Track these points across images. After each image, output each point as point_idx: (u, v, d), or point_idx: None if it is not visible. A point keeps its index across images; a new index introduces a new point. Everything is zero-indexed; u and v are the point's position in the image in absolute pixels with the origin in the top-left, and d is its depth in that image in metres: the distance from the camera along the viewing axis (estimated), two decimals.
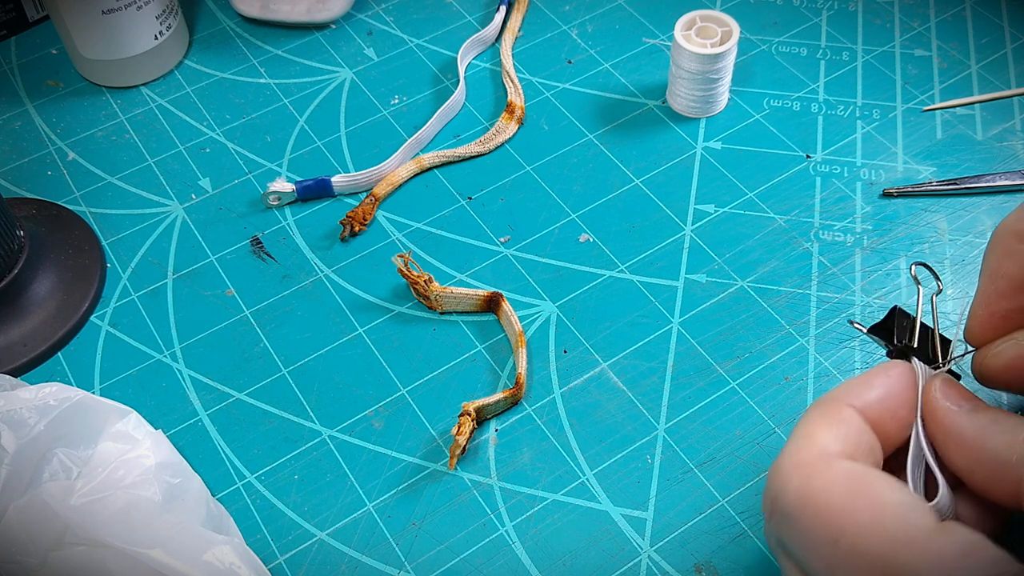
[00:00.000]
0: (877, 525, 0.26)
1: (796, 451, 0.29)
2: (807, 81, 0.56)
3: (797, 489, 0.28)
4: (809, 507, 0.28)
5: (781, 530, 0.29)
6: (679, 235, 0.49)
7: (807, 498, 0.28)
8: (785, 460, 0.29)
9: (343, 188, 0.51)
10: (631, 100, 0.55)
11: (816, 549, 0.27)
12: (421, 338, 0.46)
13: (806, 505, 0.28)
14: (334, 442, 0.43)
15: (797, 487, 0.28)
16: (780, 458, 0.30)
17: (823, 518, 0.27)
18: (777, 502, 0.29)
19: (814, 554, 0.27)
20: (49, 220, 0.50)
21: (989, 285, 0.33)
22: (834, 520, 0.27)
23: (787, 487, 0.28)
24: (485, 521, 0.40)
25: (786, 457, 0.29)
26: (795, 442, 0.30)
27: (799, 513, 0.28)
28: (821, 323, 0.46)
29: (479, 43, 0.58)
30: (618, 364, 0.45)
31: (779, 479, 0.29)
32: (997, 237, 0.33)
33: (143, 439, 0.39)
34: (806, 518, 0.28)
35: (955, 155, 0.52)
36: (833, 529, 0.27)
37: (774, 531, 0.30)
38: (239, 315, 0.47)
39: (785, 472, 0.29)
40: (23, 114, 0.56)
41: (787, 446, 0.30)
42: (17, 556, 0.35)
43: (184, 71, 0.58)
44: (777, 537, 0.30)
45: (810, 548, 0.27)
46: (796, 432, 0.30)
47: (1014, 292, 0.32)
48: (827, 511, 0.27)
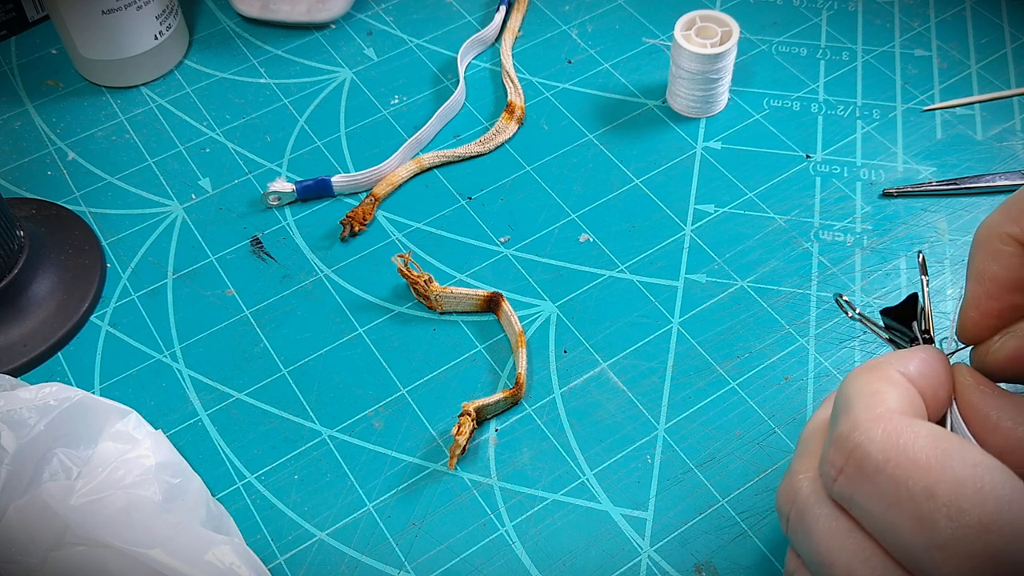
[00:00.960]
0: (974, 483, 0.26)
1: (870, 407, 0.28)
2: (807, 81, 0.56)
3: (883, 442, 0.27)
4: (902, 461, 0.27)
5: (855, 487, 0.28)
6: (679, 235, 0.49)
7: (897, 451, 0.27)
8: (861, 415, 0.28)
9: (343, 188, 0.51)
10: (631, 100, 0.55)
11: (908, 503, 0.26)
12: (421, 338, 0.46)
13: (897, 459, 0.27)
14: (334, 442, 0.43)
15: (883, 440, 0.27)
16: (849, 414, 0.29)
17: (919, 471, 0.26)
18: (856, 455, 0.28)
19: (904, 508, 0.26)
20: (49, 220, 0.50)
21: (977, 288, 0.33)
22: (930, 474, 0.26)
23: (872, 440, 0.27)
24: (485, 521, 0.40)
25: (860, 412, 0.28)
26: (864, 399, 0.29)
27: (886, 465, 0.27)
28: (821, 323, 0.46)
29: (479, 43, 0.58)
30: (618, 364, 0.45)
31: (859, 433, 0.28)
32: (980, 239, 0.33)
33: (143, 439, 0.39)
34: (899, 471, 0.27)
35: (955, 155, 0.52)
36: (930, 482, 0.26)
37: (842, 490, 0.28)
38: (239, 315, 0.47)
39: (866, 426, 0.28)
40: (23, 114, 0.56)
41: (852, 404, 0.29)
42: (17, 556, 0.35)
43: (184, 71, 0.58)
44: (847, 495, 0.28)
45: (900, 502, 0.26)
46: (857, 391, 0.29)
47: (1002, 293, 0.32)
48: (922, 465, 0.26)
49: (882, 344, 0.44)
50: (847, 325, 0.45)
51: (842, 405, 0.29)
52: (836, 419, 0.29)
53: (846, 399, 0.29)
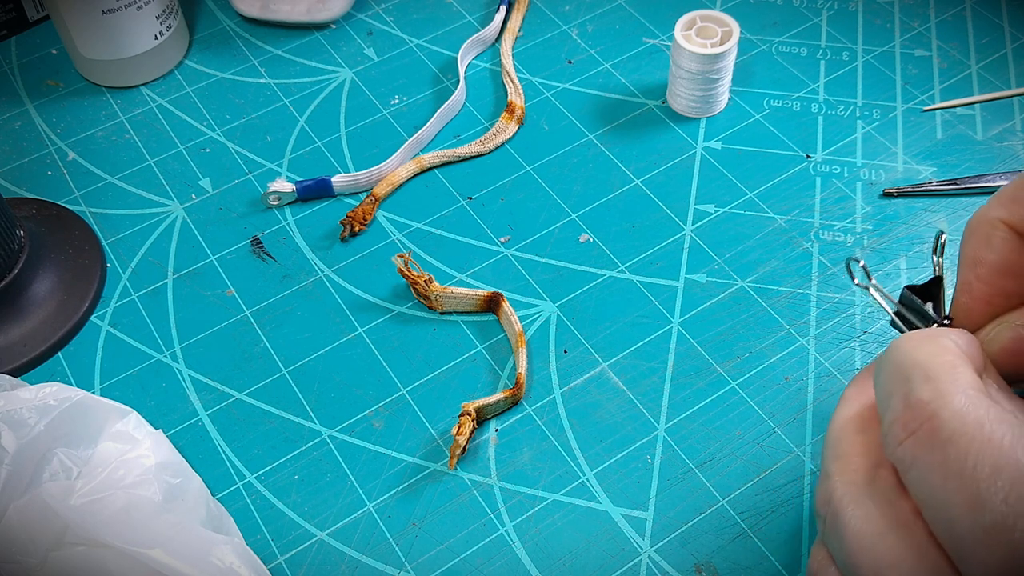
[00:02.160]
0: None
1: (952, 378, 0.28)
2: (807, 81, 0.56)
3: (963, 415, 0.27)
4: (976, 436, 0.26)
5: (920, 454, 0.27)
6: (679, 235, 0.49)
7: (975, 426, 0.26)
8: (945, 385, 0.28)
9: (343, 188, 0.51)
10: (631, 100, 0.55)
11: (969, 478, 0.26)
12: (421, 338, 0.46)
13: (972, 433, 0.26)
14: (334, 442, 0.43)
15: (963, 413, 0.27)
16: (931, 382, 0.28)
17: (990, 450, 0.26)
18: (933, 422, 0.27)
19: (963, 483, 0.26)
20: (49, 220, 0.50)
21: (968, 273, 0.33)
22: (1000, 454, 0.26)
23: (953, 410, 0.27)
24: (485, 521, 0.40)
25: (944, 383, 0.28)
26: (944, 370, 0.28)
27: (960, 438, 0.26)
28: (821, 323, 0.46)
29: (479, 43, 0.58)
30: (618, 364, 0.45)
31: (942, 401, 0.27)
32: (971, 226, 0.33)
33: (143, 439, 0.39)
34: (972, 445, 0.26)
35: (955, 155, 0.52)
36: (997, 462, 0.26)
37: (907, 452, 0.28)
38: (239, 315, 0.47)
39: (950, 396, 0.27)
40: (23, 114, 0.56)
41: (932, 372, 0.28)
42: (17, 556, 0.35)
43: (184, 71, 0.58)
44: (909, 460, 0.28)
45: (962, 476, 0.26)
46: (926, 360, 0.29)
47: (993, 277, 0.32)
48: (995, 445, 0.26)
49: (881, 345, 0.45)
50: (847, 325, 0.45)
51: (916, 370, 0.29)
52: (911, 384, 0.29)
53: (920, 365, 0.29)
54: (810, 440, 0.42)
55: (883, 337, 0.45)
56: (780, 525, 0.40)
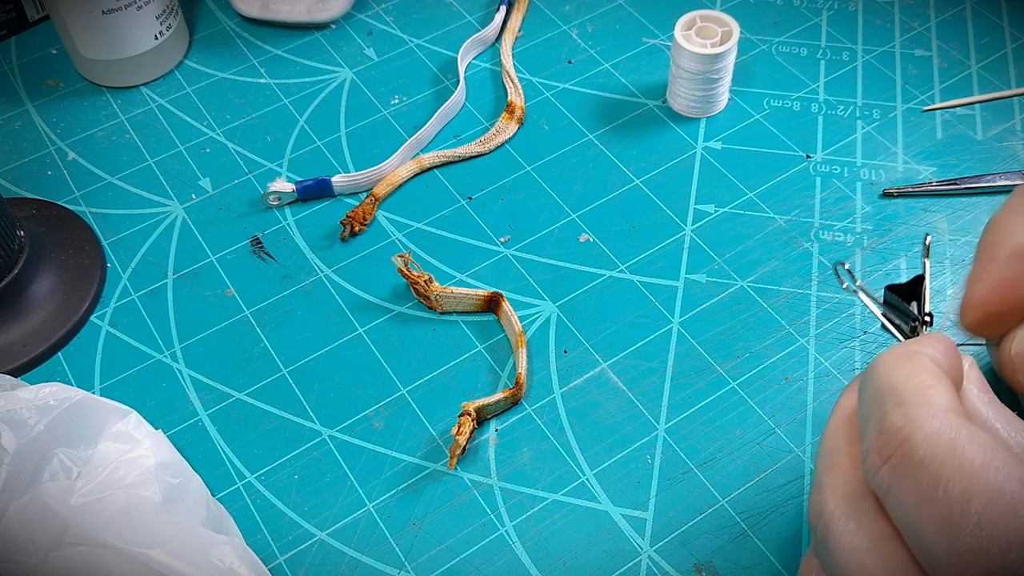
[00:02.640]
0: (1011, 498, 0.25)
1: (923, 402, 0.28)
2: (807, 81, 0.56)
3: (935, 439, 0.27)
4: (948, 460, 0.26)
5: (896, 478, 0.27)
6: (679, 235, 0.49)
7: (946, 450, 0.26)
8: (915, 410, 0.28)
9: (343, 188, 0.51)
10: (631, 100, 0.55)
11: (942, 502, 0.26)
12: (421, 338, 0.46)
13: (943, 457, 0.26)
14: (334, 442, 0.43)
15: (935, 437, 0.27)
16: (902, 407, 0.28)
17: (961, 474, 0.26)
18: (905, 448, 0.27)
19: (936, 507, 0.26)
20: (49, 220, 0.50)
21: (986, 256, 0.32)
22: (971, 479, 0.26)
23: (924, 434, 0.27)
24: (485, 521, 0.40)
25: (914, 407, 0.28)
26: (916, 393, 0.28)
27: (931, 462, 0.26)
28: (821, 323, 0.46)
29: (479, 43, 0.58)
30: (618, 364, 0.45)
31: (912, 427, 0.27)
32: (996, 218, 0.33)
33: (143, 439, 0.39)
34: (943, 469, 0.26)
35: (955, 155, 0.52)
36: (967, 487, 0.26)
37: (883, 479, 0.28)
38: (239, 315, 0.47)
39: (920, 421, 0.27)
40: (23, 114, 0.56)
41: (904, 396, 0.28)
42: (17, 556, 0.35)
43: (184, 71, 0.58)
44: (886, 486, 0.28)
45: (935, 500, 0.26)
46: (905, 381, 0.29)
47: (1011, 260, 0.32)
48: (966, 469, 0.26)
49: (881, 345, 0.45)
50: (847, 325, 0.45)
51: (890, 395, 0.29)
52: (884, 408, 0.29)
53: (894, 389, 0.29)
54: (810, 440, 0.42)
55: (883, 337, 0.45)
56: (780, 525, 0.40)
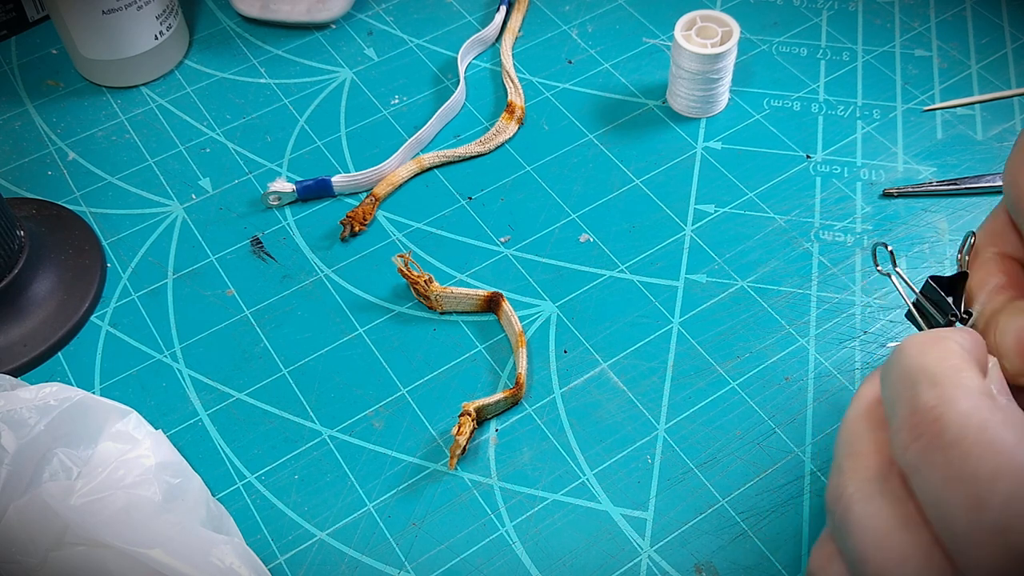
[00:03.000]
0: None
1: (957, 382, 0.28)
2: (807, 81, 0.56)
3: (968, 418, 0.27)
4: (980, 439, 0.26)
5: (925, 456, 0.27)
6: (679, 235, 0.49)
7: (979, 429, 0.26)
8: (949, 390, 0.28)
9: (343, 188, 0.51)
10: (631, 100, 0.55)
11: (970, 481, 0.26)
12: (421, 338, 0.46)
13: (976, 436, 0.26)
14: (334, 442, 0.43)
15: (968, 416, 0.27)
16: (936, 387, 0.28)
17: (991, 453, 0.26)
18: (938, 426, 0.27)
19: (964, 485, 0.26)
20: (49, 220, 0.50)
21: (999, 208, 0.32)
22: (1001, 459, 0.26)
23: (958, 413, 0.27)
24: (485, 521, 0.40)
25: (948, 388, 0.28)
26: (949, 374, 0.28)
27: (963, 441, 0.26)
28: (821, 323, 0.46)
29: (479, 43, 0.58)
30: (618, 364, 0.45)
31: (947, 407, 0.27)
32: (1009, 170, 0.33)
33: (143, 439, 0.39)
34: (973, 448, 0.26)
35: (955, 155, 0.52)
36: (996, 467, 0.26)
37: (913, 457, 0.28)
38: (239, 315, 0.47)
39: (954, 400, 0.27)
40: (23, 114, 0.56)
41: (937, 377, 0.28)
42: (17, 556, 0.35)
43: (184, 71, 0.58)
44: (914, 464, 0.28)
45: (963, 478, 0.26)
46: (936, 362, 0.29)
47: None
48: (997, 449, 0.26)
49: (881, 345, 0.45)
50: (847, 325, 0.45)
51: (922, 375, 0.29)
52: (916, 389, 0.28)
53: (926, 369, 0.29)
54: (810, 440, 0.42)
55: (883, 337, 0.45)
56: (780, 525, 0.40)
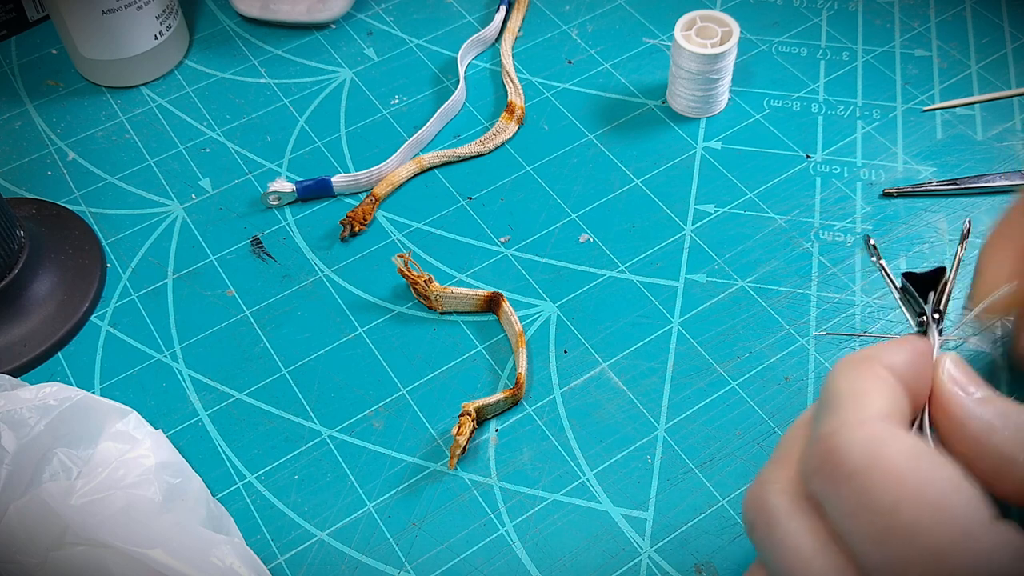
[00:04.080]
0: (938, 508, 0.25)
1: (856, 409, 0.28)
2: (807, 81, 0.56)
3: (862, 449, 0.26)
4: (875, 471, 0.26)
5: (828, 487, 0.27)
6: (679, 235, 0.49)
7: (873, 461, 0.26)
8: (846, 417, 0.27)
9: (343, 188, 0.51)
10: (631, 100, 0.55)
11: (871, 514, 0.26)
12: (421, 338, 0.46)
13: (870, 468, 0.26)
14: (334, 442, 0.43)
15: (862, 447, 0.26)
16: (834, 414, 0.28)
17: (889, 485, 0.26)
18: (834, 458, 0.27)
19: (866, 519, 0.26)
20: (49, 220, 0.50)
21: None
22: (899, 490, 0.25)
23: (851, 445, 0.27)
24: (485, 521, 0.40)
25: (845, 414, 0.28)
26: (850, 400, 0.28)
27: (862, 472, 0.26)
28: (821, 323, 0.46)
29: (479, 43, 0.58)
30: (618, 364, 0.45)
31: (840, 437, 0.27)
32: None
33: (143, 439, 0.39)
34: (871, 479, 0.26)
35: (955, 155, 0.52)
36: (896, 498, 0.25)
37: (817, 487, 0.28)
38: (239, 315, 0.47)
39: (848, 430, 0.27)
40: (23, 114, 0.56)
41: (838, 403, 0.28)
42: (17, 556, 0.35)
43: (184, 71, 0.58)
44: (820, 494, 0.28)
45: (864, 512, 0.26)
46: (845, 388, 0.28)
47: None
48: (893, 480, 0.26)
49: None
50: (847, 325, 0.45)
51: (828, 401, 0.29)
52: (820, 416, 0.28)
53: (833, 395, 0.29)
54: None
55: (883, 337, 0.45)
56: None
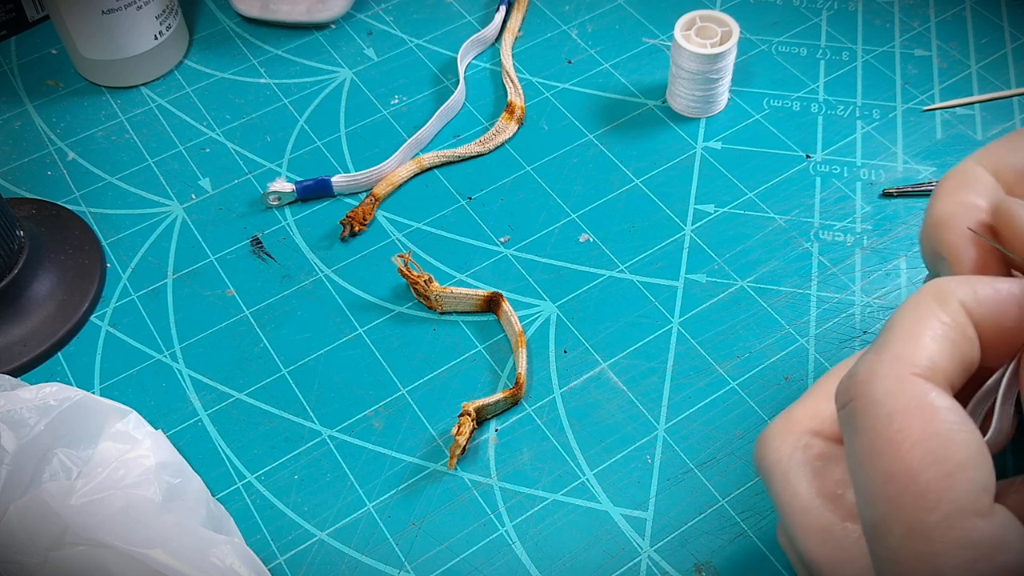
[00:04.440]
0: (927, 497, 0.24)
1: (898, 357, 0.26)
2: (807, 81, 0.56)
3: (879, 408, 0.25)
4: (884, 434, 0.25)
5: (845, 427, 0.26)
6: (679, 235, 0.49)
7: (886, 424, 0.25)
8: (884, 368, 0.26)
9: (343, 188, 0.51)
10: (631, 100, 0.55)
11: (869, 472, 0.25)
12: (421, 338, 0.46)
13: (881, 431, 0.25)
14: (334, 442, 0.43)
15: (881, 406, 0.25)
16: (879, 354, 0.26)
17: (892, 455, 0.24)
18: (855, 406, 0.26)
19: (865, 475, 0.25)
20: (49, 220, 0.50)
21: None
22: (898, 465, 0.24)
23: (872, 400, 0.25)
24: (485, 521, 0.40)
25: (886, 364, 0.26)
26: (900, 344, 0.26)
27: (868, 432, 0.25)
28: (821, 323, 0.46)
29: (479, 43, 0.58)
30: (618, 364, 0.45)
31: (868, 387, 0.25)
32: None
33: (143, 439, 0.39)
34: (876, 444, 0.25)
35: (955, 155, 0.52)
36: (891, 471, 0.24)
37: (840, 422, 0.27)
38: (239, 315, 0.47)
39: (878, 382, 0.25)
40: (23, 114, 0.56)
41: (887, 343, 0.26)
42: (17, 556, 0.35)
43: (184, 71, 0.58)
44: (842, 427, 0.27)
45: (864, 467, 0.25)
46: (901, 326, 0.26)
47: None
48: (897, 454, 0.24)
49: None
50: (847, 325, 0.45)
51: (879, 338, 0.27)
52: (866, 351, 0.27)
53: (886, 332, 0.27)
54: None
55: None
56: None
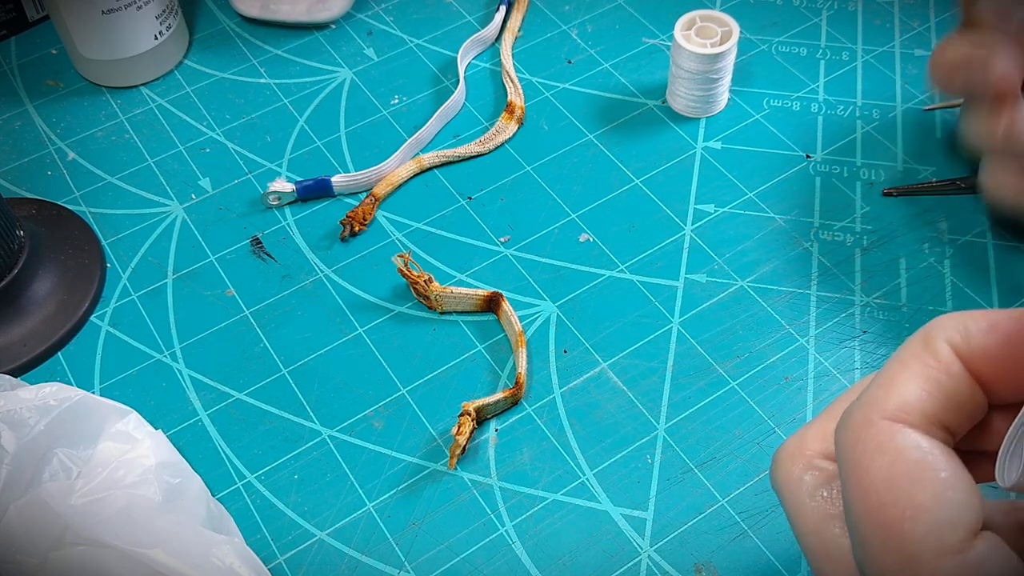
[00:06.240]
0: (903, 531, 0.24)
1: (873, 402, 0.25)
2: (807, 81, 0.56)
3: (853, 444, 0.25)
4: (856, 472, 0.25)
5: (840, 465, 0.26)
6: (679, 235, 0.49)
7: (859, 461, 0.25)
8: (858, 414, 0.26)
9: (343, 188, 0.51)
10: (631, 100, 0.55)
11: (848, 506, 0.25)
12: (421, 338, 0.46)
13: (855, 468, 0.25)
14: (334, 442, 0.43)
15: (852, 450, 0.25)
16: (860, 399, 0.26)
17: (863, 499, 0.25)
18: (838, 445, 0.26)
19: (847, 507, 0.25)
20: (49, 220, 0.50)
21: None
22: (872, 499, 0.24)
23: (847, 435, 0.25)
24: (485, 521, 0.40)
25: (860, 409, 0.26)
26: (879, 388, 0.26)
27: (847, 470, 0.25)
28: (821, 323, 0.46)
29: (479, 43, 0.58)
30: (618, 364, 0.45)
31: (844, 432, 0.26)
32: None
33: (143, 439, 0.39)
34: (848, 486, 0.25)
35: (955, 155, 0.52)
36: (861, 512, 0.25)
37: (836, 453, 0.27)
38: (239, 315, 0.47)
39: (851, 428, 0.25)
40: (23, 114, 0.56)
41: (870, 389, 0.26)
42: (17, 556, 0.35)
43: (184, 71, 0.58)
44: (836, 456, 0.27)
45: (846, 502, 0.25)
46: (885, 368, 0.26)
47: None
48: (867, 487, 0.25)
49: (882, 345, 0.44)
50: (847, 325, 0.45)
51: (871, 379, 0.27)
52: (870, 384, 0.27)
53: (876, 375, 0.27)
54: None
55: (883, 337, 0.45)
56: (780, 525, 0.40)
